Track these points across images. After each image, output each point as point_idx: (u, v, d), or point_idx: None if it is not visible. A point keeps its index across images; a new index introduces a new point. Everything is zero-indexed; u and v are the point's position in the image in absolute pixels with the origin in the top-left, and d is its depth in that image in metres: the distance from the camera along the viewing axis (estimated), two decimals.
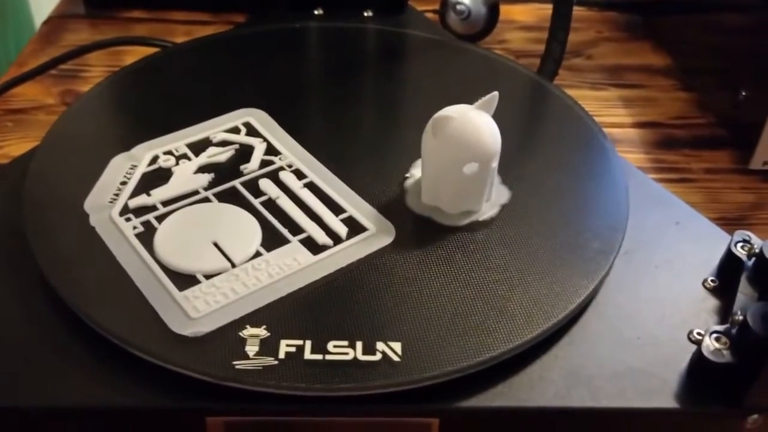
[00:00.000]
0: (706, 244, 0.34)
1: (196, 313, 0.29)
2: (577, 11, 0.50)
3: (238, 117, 0.39)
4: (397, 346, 0.28)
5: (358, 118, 0.41)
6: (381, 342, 0.28)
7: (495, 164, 0.33)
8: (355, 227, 0.33)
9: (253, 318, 0.29)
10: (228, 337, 0.28)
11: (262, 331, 0.28)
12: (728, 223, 0.45)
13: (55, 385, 0.28)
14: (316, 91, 0.42)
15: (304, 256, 0.31)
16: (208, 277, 0.30)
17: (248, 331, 0.28)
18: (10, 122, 0.56)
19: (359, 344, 0.28)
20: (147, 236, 0.32)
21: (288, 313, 0.29)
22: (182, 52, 0.45)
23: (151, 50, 0.57)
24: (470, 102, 0.33)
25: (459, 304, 0.30)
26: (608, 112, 0.56)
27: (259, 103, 0.40)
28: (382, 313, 0.29)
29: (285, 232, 0.33)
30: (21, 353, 0.29)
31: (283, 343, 0.28)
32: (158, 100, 0.41)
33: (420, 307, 0.30)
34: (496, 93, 0.33)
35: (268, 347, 0.28)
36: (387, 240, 0.32)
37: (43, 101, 0.58)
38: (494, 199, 0.35)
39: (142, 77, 0.43)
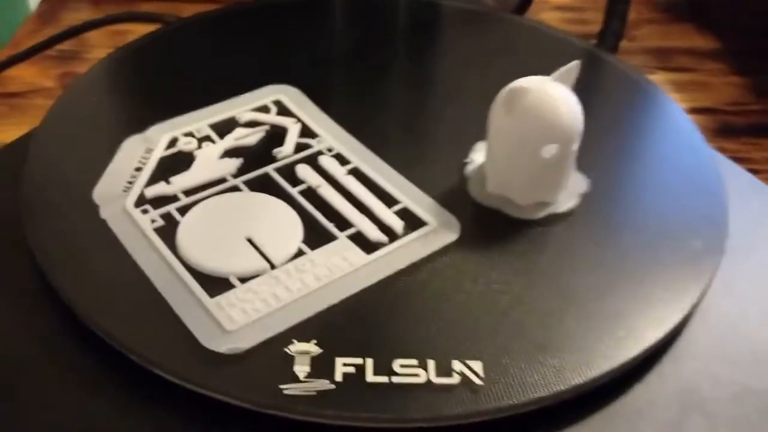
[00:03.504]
0: None
1: (233, 324, 0.24)
2: None
3: (268, 94, 0.34)
4: (477, 365, 0.23)
5: (404, 94, 0.36)
6: (458, 361, 0.23)
7: (576, 146, 0.28)
8: (411, 221, 0.28)
9: (301, 330, 0.24)
10: (272, 354, 0.23)
11: (312, 347, 0.23)
12: None
13: (66, 415, 0.23)
14: (352, 66, 0.37)
15: (356, 255, 0.26)
16: (243, 280, 0.25)
17: (296, 347, 0.23)
18: (5, 106, 0.51)
19: (431, 363, 0.23)
20: (168, 231, 0.27)
21: (342, 325, 0.24)
22: (199, 22, 0.40)
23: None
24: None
25: (545, 313, 0.25)
26: None
27: (290, 79, 0.35)
28: (456, 325, 0.24)
29: (330, 226, 0.28)
30: (23, 376, 0.24)
31: (339, 361, 0.23)
32: (175, 76, 0.36)
33: (499, 318, 0.25)
34: (576, 62, 0.28)
35: (321, 367, 0.23)
36: (451, 236, 0.28)
37: (40, 84, 0.53)
38: (571, 187, 0.30)
39: (155, 50, 0.37)
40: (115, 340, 0.23)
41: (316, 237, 0.27)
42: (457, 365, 0.23)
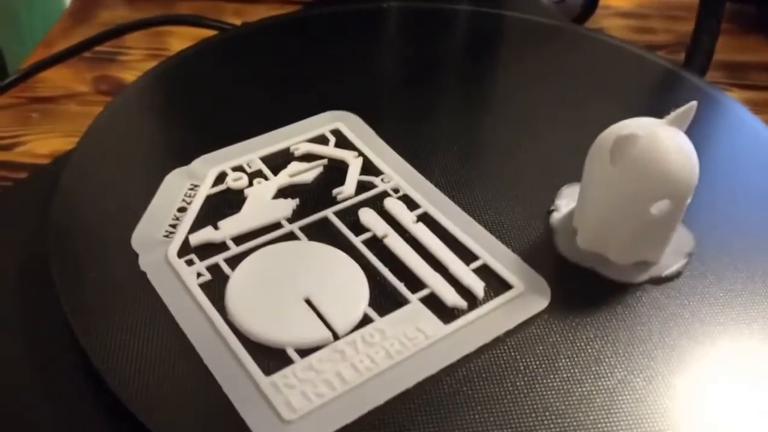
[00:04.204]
0: None
1: (292, 413, 0.20)
2: None
3: (325, 122, 0.30)
4: None
5: (475, 125, 0.32)
6: None
7: (689, 201, 0.24)
8: (492, 281, 0.24)
9: (371, 421, 0.20)
10: None
11: None
12: None
13: None
14: (418, 90, 0.33)
15: (432, 325, 0.23)
16: (302, 353, 0.22)
17: None
18: (35, 113, 0.48)
19: None
20: (215, 287, 0.24)
21: (419, 415, 0.21)
22: (247, 35, 0.36)
23: (199, 32, 0.49)
24: (619, 107, 0.25)
25: (664, 410, 0.21)
26: None
27: (349, 105, 0.31)
28: (552, 419, 0.21)
29: (401, 287, 0.24)
30: None
31: None
32: (221, 98, 0.32)
33: (607, 412, 0.21)
34: (693, 104, 0.24)
35: None
36: (541, 303, 0.24)
37: (74, 89, 0.50)
38: (677, 245, 0.26)
39: (199, 67, 0.34)
40: (152, 423, 0.20)
41: (383, 299, 0.24)
42: None
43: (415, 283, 0.24)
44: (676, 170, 0.23)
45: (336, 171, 0.28)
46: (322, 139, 0.30)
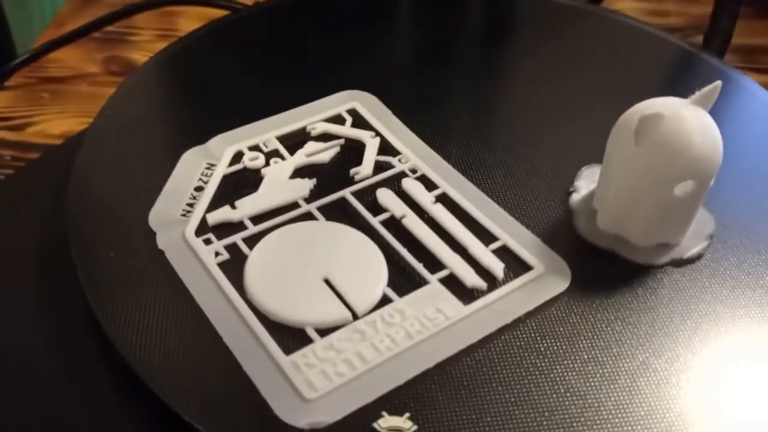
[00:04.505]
0: None
1: (313, 392, 0.20)
2: None
3: (341, 101, 0.30)
4: None
5: (494, 105, 0.32)
6: None
7: (712, 182, 0.24)
8: (512, 262, 0.24)
9: (391, 401, 0.20)
10: (359, 430, 0.19)
11: (405, 423, 0.20)
12: None
13: None
14: (436, 70, 0.33)
15: (452, 305, 0.23)
16: (322, 333, 0.22)
17: (386, 422, 0.20)
18: (45, 93, 0.48)
19: None
20: (234, 267, 0.23)
21: (438, 395, 0.20)
22: (260, 15, 0.36)
23: (209, 12, 0.48)
24: (638, 88, 0.24)
25: (685, 392, 0.21)
26: None
27: (367, 84, 0.31)
28: (573, 401, 0.21)
29: (420, 267, 0.24)
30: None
31: None
32: (235, 78, 0.32)
33: (627, 393, 0.21)
34: (718, 83, 0.24)
35: None
36: (561, 284, 0.23)
37: (84, 69, 0.50)
38: (698, 227, 0.26)
39: (212, 47, 0.33)
40: (175, 403, 0.20)
41: (402, 279, 0.24)
42: None
43: (434, 263, 0.24)
44: (702, 151, 0.23)
45: (353, 151, 0.28)
46: (338, 119, 0.29)
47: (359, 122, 0.29)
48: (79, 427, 0.21)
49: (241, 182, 0.27)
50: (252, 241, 0.24)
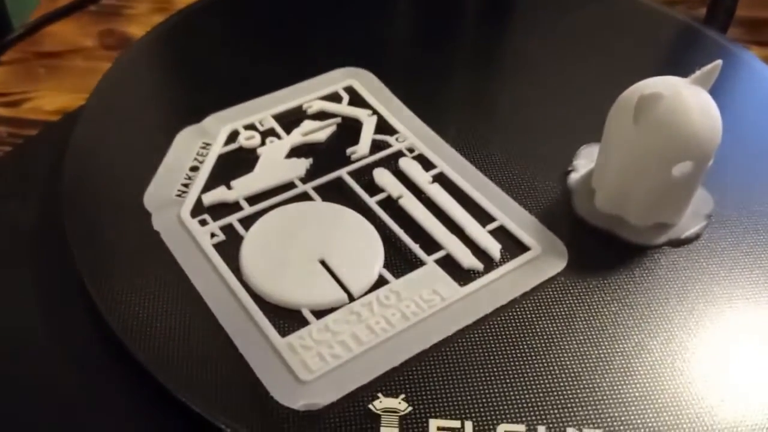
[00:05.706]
0: None
1: (309, 374, 0.20)
2: None
3: (338, 79, 0.30)
4: None
5: (493, 82, 0.31)
6: (574, 429, 0.20)
7: (711, 162, 0.24)
8: (508, 243, 0.24)
9: (387, 382, 0.20)
10: (354, 411, 0.20)
11: (400, 404, 0.20)
12: None
13: None
14: (434, 47, 0.32)
15: (448, 286, 0.23)
16: (318, 314, 0.22)
17: (382, 403, 0.20)
18: (42, 68, 0.47)
19: (541, 430, 0.20)
20: (230, 247, 0.23)
21: (434, 376, 0.21)
22: None
23: None
24: (639, 65, 0.24)
25: (680, 372, 0.21)
26: None
27: (364, 61, 0.30)
28: (571, 380, 0.21)
29: (416, 248, 0.24)
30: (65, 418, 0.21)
31: (434, 424, 0.19)
32: (231, 54, 0.31)
33: (622, 375, 0.21)
34: (718, 62, 0.23)
35: (411, 429, 0.19)
36: (558, 265, 0.23)
37: (79, 43, 0.49)
38: (696, 207, 0.26)
39: (208, 22, 0.33)
40: (171, 385, 0.20)
41: (398, 260, 0.23)
42: None
43: (430, 244, 0.24)
44: (701, 131, 0.22)
45: (349, 130, 0.28)
46: (335, 97, 0.29)
47: (356, 100, 0.29)
48: (78, 408, 0.21)
49: (236, 162, 0.26)
50: (248, 221, 0.24)
